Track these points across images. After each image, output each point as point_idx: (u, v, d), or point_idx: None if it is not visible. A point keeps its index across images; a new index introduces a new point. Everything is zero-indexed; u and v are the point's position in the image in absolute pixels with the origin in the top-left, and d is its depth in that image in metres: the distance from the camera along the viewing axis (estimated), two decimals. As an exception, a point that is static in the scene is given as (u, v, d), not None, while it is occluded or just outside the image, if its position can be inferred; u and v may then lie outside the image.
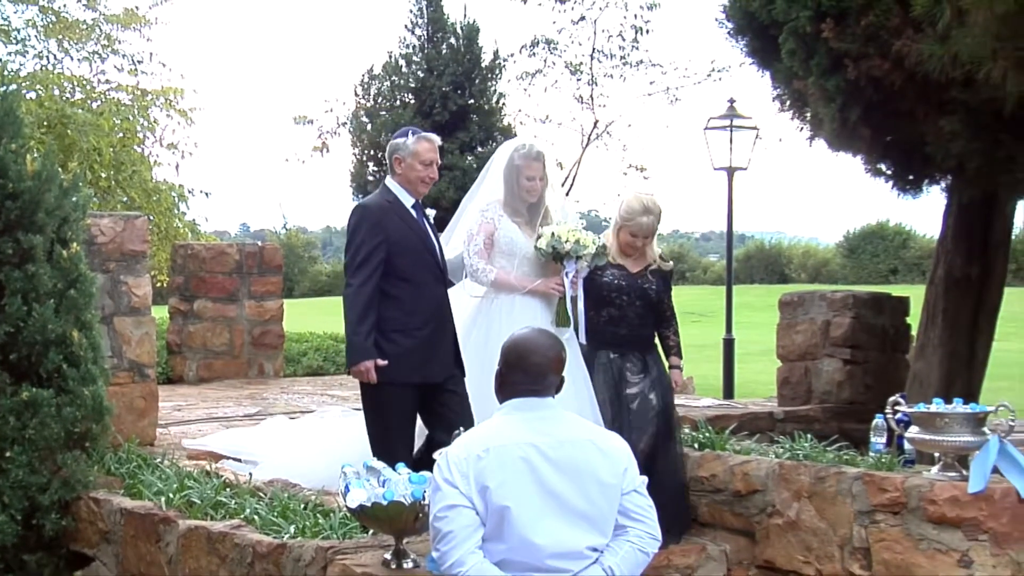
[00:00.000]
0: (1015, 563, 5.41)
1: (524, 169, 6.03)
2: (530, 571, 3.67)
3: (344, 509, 5.34)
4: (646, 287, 6.37)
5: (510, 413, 3.83)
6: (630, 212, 6.30)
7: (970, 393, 9.46)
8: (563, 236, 5.91)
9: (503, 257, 6.02)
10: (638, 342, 6.38)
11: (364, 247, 5.73)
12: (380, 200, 5.94)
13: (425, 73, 15.19)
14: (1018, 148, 8.74)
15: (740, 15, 10.00)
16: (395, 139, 6.03)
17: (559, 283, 6.00)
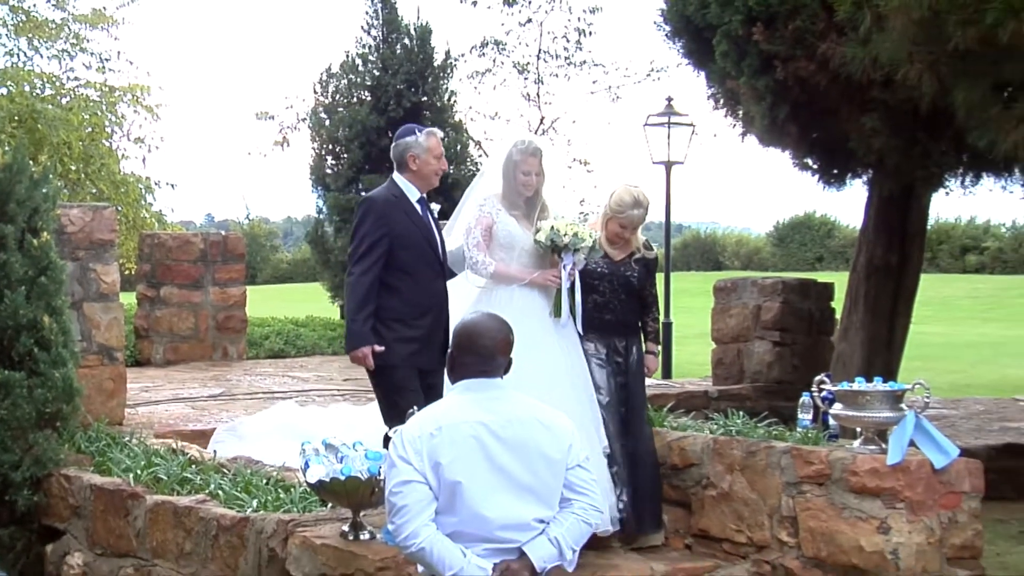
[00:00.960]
0: (929, 529, 5.48)
1: (521, 164, 5.84)
2: (480, 542, 3.68)
3: (304, 484, 5.32)
4: (629, 275, 6.19)
5: (461, 393, 3.83)
6: (621, 205, 6.12)
7: (889, 372, 9.56)
8: (562, 230, 5.76)
9: (502, 250, 5.85)
10: (623, 328, 6.20)
11: (368, 238, 5.61)
12: (387, 194, 5.82)
13: (380, 72, 15.06)
14: (933, 144, 8.84)
15: (677, 18, 10.02)
16: (403, 138, 5.90)
17: (556, 275, 5.83)
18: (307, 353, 13.83)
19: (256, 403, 9.08)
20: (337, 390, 10.07)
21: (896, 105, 8.40)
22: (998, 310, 31.44)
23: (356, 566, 4.84)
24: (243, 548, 5.38)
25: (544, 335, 5.75)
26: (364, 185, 14.55)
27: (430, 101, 15.21)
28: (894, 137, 8.80)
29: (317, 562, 4.96)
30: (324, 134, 15.28)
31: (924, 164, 9.07)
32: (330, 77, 15.57)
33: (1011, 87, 7.33)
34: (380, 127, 14.64)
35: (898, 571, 5.43)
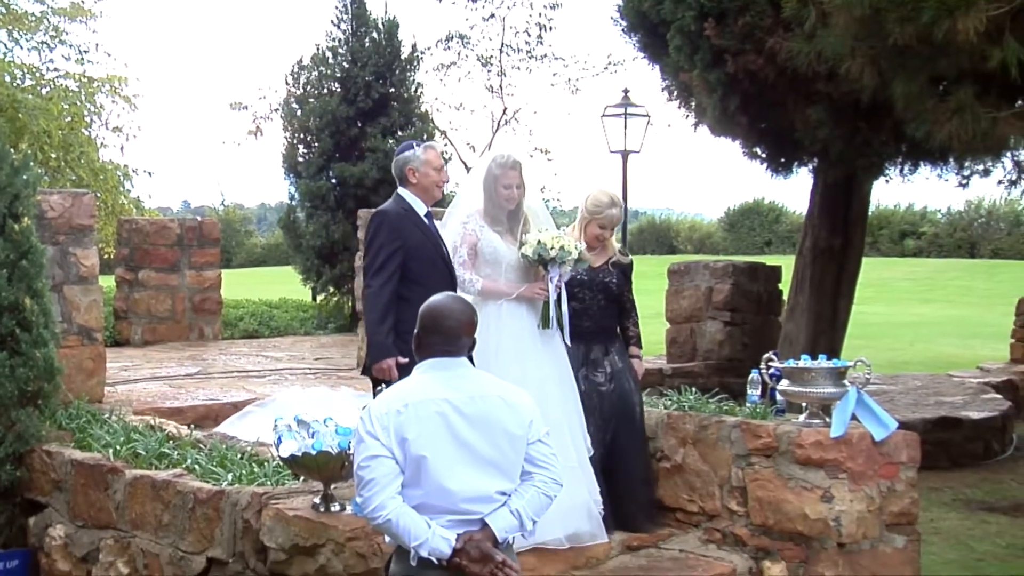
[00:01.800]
0: (869, 497, 5.54)
1: (502, 178, 5.67)
2: (445, 514, 3.68)
3: (277, 459, 5.29)
4: (607, 281, 6.04)
5: (427, 372, 3.82)
6: (598, 205, 6.00)
7: (833, 350, 9.64)
8: (548, 243, 5.60)
9: (488, 266, 5.68)
10: (602, 334, 6.04)
11: (384, 251, 5.40)
12: (397, 207, 5.59)
13: (350, 64, 14.94)
14: (873, 135, 8.90)
15: (633, 14, 10.03)
16: (402, 153, 5.71)
17: (543, 287, 5.67)
18: (280, 334, 13.78)
19: (231, 381, 9.04)
20: (309, 369, 10.04)
21: (839, 97, 8.45)
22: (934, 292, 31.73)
23: (327, 536, 4.83)
24: (219, 520, 5.36)
25: (533, 347, 5.64)
26: (334, 173, 14.47)
27: (397, 92, 15.11)
28: (837, 128, 8.85)
29: (290, 533, 4.95)
30: (296, 124, 15.15)
31: (865, 153, 9.13)
32: (301, 69, 15.44)
33: (946, 81, 7.38)
34: (349, 117, 14.54)
35: (840, 537, 5.49)
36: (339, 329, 14.22)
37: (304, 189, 14.76)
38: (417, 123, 15.28)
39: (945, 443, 9.90)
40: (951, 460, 9.87)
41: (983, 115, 6.99)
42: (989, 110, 7.04)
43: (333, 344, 12.50)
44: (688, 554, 5.75)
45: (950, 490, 9.04)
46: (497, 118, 24.10)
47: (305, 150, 15.13)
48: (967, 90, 7.01)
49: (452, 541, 3.64)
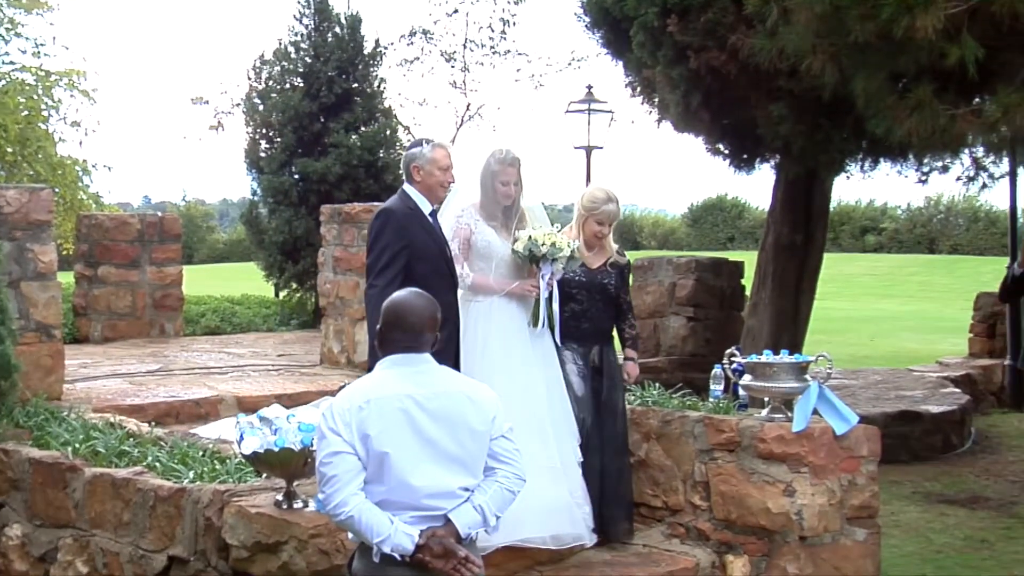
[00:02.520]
0: (830, 491, 5.59)
1: (500, 174, 5.63)
2: (408, 510, 3.67)
3: (239, 456, 5.26)
4: (605, 282, 5.98)
5: (390, 368, 3.81)
6: (595, 201, 5.94)
7: (795, 345, 9.69)
8: (540, 239, 5.55)
9: (480, 260, 5.64)
10: (600, 335, 5.98)
11: (388, 250, 5.30)
12: (403, 206, 5.48)
13: (312, 59, 14.86)
14: (835, 131, 8.96)
15: (596, 10, 10.04)
16: (411, 150, 5.61)
17: (535, 285, 5.63)
18: (243, 330, 13.68)
19: (193, 378, 8.97)
20: (272, 365, 9.98)
21: (801, 94, 8.49)
22: (895, 287, 32.04)
23: (290, 533, 4.81)
24: (180, 518, 5.32)
25: (521, 345, 5.61)
26: (297, 168, 14.38)
27: (360, 88, 15.04)
28: (799, 124, 8.90)
29: (252, 530, 4.92)
30: (258, 119, 15.04)
31: (827, 149, 9.19)
32: (263, 64, 15.33)
33: (905, 78, 7.44)
34: (312, 112, 14.46)
35: (802, 531, 5.54)
36: (302, 325, 14.14)
37: (266, 184, 14.67)
38: (380, 118, 15.22)
39: (905, 437, 10.00)
40: (911, 454, 9.97)
41: (942, 112, 7.06)
42: (947, 107, 7.11)
43: (296, 340, 12.43)
44: (652, 549, 5.78)
45: (910, 483, 9.13)
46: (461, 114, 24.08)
47: (267, 145, 15.03)
48: (926, 87, 7.08)
49: (415, 537, 3.63)
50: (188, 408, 7.74)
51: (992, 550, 7.35)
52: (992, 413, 12.13)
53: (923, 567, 6.93)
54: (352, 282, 9.66)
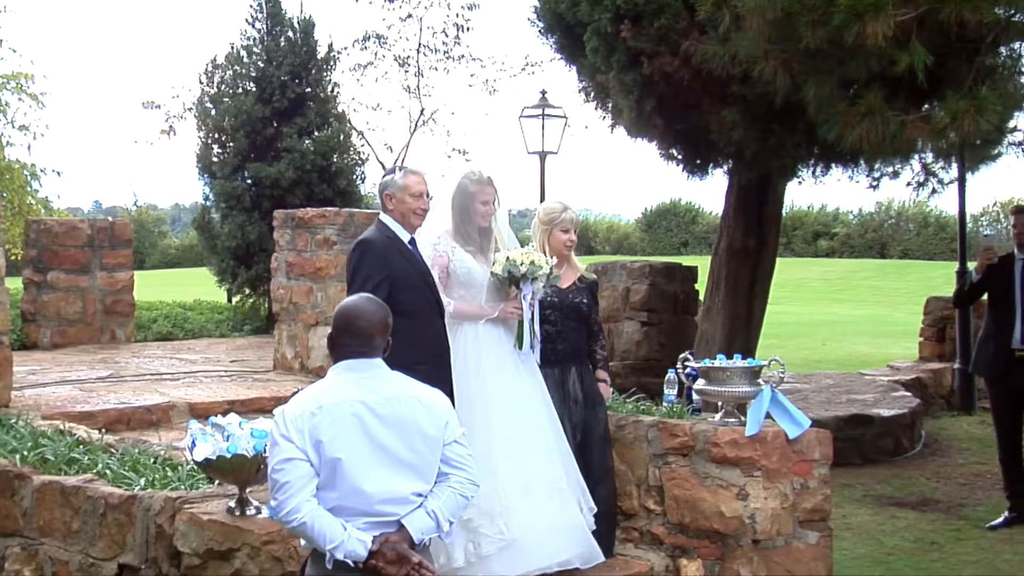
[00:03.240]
0: (783, 495, 5.63)
1: (479, 195, 5.52)
2: (361, 516, 3.66)
3: (191, 462, 5.21)
4: (577, 301, 5.89)
5: (341, 373, 3.80)
6: (552, 212, 5.93)
7: (748, 349, 9.76)
8: (518, 259, 5.46)
9: (461, 287, 5.54)
10: (576, 356, 5.89)
11: (369, 282, 5.10)
12: (380, 236, 5.34)
13: (265, 63, 14.77)
14: (787, 137, 9.03)
15: (549, 15, 10.06)
16: (384, 178, 5.49)
17: (517, 306, 5.52)
18: (195, 336, 13.57)
19: (144, 384, 8.88)
20: (224, 371, 9.91)
21: (753, 99, 8.55)
22: (846, 291, 32.36)
23: (242, 540, 4.77)
24: (131, 525, 5.26)
25: (514, 367, 5.55)
26: (250, 173, 14.29)
27: (314, 92, 14.98)
28: (751, 129, 8.97)
29: (204, 537, 4.88)
30: (210, 123, 14.93)
31: (779, 155, 9.26)
32: (215, 68, 15.22)
33: (856, 84, 7.52)
34: (265, 117, 14.38)
35: (755, 534, 5.57)
36: (255, 331, 14.06)
37: (219, 189, 14.56)
38: (334, 123, 15.17)
39: (857, 440, 10.10)
40: (862, 457, 10.06)
41: (892, 118, 7.14)
42: (897, 113, 7.19)
43: (249, 346, 12.34)
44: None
45: (861, 486, 9.22)
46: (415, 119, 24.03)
47: (220, 150, 14.92)
48: (876, 93, 7.16)
49: (368, 543, 3.62)
50: (139, 415, 7.67)
51: (941, 552, 7.44)
52: (942, 416, 12.28)
53: (874, 569, 7.00)
54: (306, 287, 9.62)
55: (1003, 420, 8.22)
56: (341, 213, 9.63)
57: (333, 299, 8.84)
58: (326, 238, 9.42)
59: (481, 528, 5.23)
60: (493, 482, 5.19)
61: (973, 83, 7.05)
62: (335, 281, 9.32)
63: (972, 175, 11.21)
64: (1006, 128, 8.67)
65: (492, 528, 5.23)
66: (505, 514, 5.24)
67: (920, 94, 7.44)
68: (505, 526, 5.23)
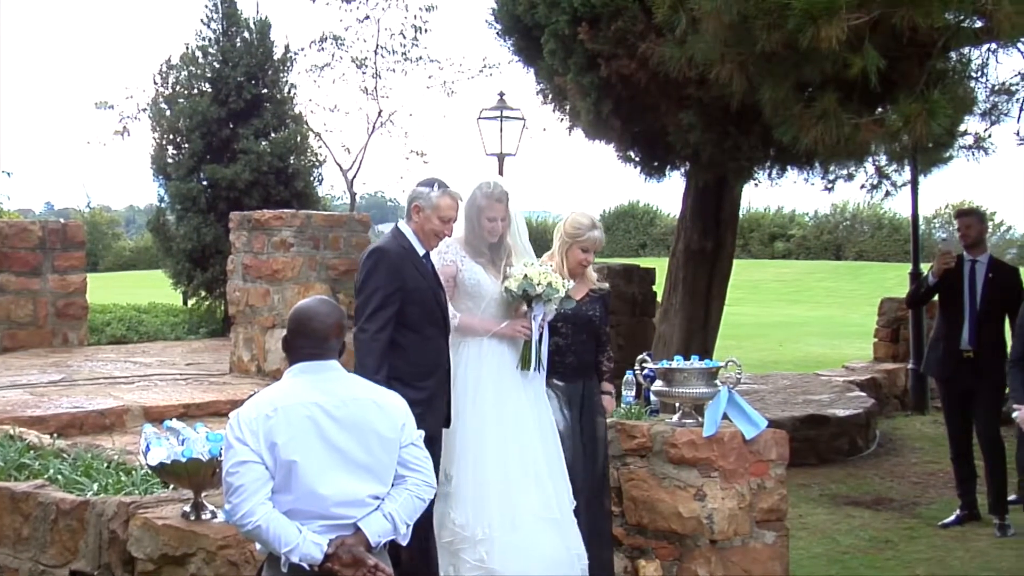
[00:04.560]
0: (740, 495, 5.67)
1: (487, 210, 5.27)
2: (317, 519, 3.64)
3: (145, 467, 5.16)
4: (590, 315, 5.70)
5: (297, 376, 3.78)
6: (579, 227, 5.67)
7: (705, 351, 9.82)
8: (535, 278, 5.22)
9: (469, 299, 5.32)
10: (584, 370, 5.69)
11: (380, 292, 4.91)
12: (396, 245, 5.08)
13: (221, 64, 14.66)
14: (743, 139, 9.09)
15: (507, 17, 10.06)
16: (419, 186, 5.16)
17: (526, 325, 5.29)
18: (150, 339, 13.44)
19: (97, 388, 8.78)
20: (180, 374, 9.82)
21: (710, 102, 8.60)
22: (803, 293, 32.67)
23: (198, 545, 4.73)
24: (83, 531, 5.20)
25: (514, 388, 5.33)
26: (206, 175, 14.18)
27: (270, 93, 14.89)
28: (708, 132, 9.02)
29: (159, 542, 4.83)
30: (165, 124, 14.80)
31: (735, 157, 9.32)
32: (170, 68, 15.09)
33: (811, 87, 7.59)
34: (221, 118, 14.28)
35: (712, 534, 5.61)
36: (211, 334, 13.95)
37: (174, 191, 14.44)
38: (291, 125, 15.10)
39: (813, 440, 10.18)
40: (818, 457, 10.15)
41: (846, 121, 7.21)
42: (851, 116, 7.26)
43: (205, 349, 12.24)
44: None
45: (817, 486, 9.30)
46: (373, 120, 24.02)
47: (175, 151, 14.80)
48: (830, 96, 7.22)
49: (324, 546, 3.61)
50: (92, 419, 7.57)
51: (896, 550, 7.52)
52: (896, 416, 12.42)
53: (830, 568, 7.05)
54: (262, 290, 9.55)
55: (953, 419, 8.32)
56: (298, 215, 9.57)
57: (290, 301, 8.78)
58: (283, 240, 9.36)
59: (462, 553, 5.11)
60: (480, 510, 5.09)
61: (925, 87, 7.13)
62: (292, 283, 9.26)
63: (924, 178, 11.37)
64: (957, 131, 8.79)
65: (473, 554, 5.10)
66: (487, 543, 5.08)
67: (873, 97, 7.52)
68: (486, 554, 5.08)
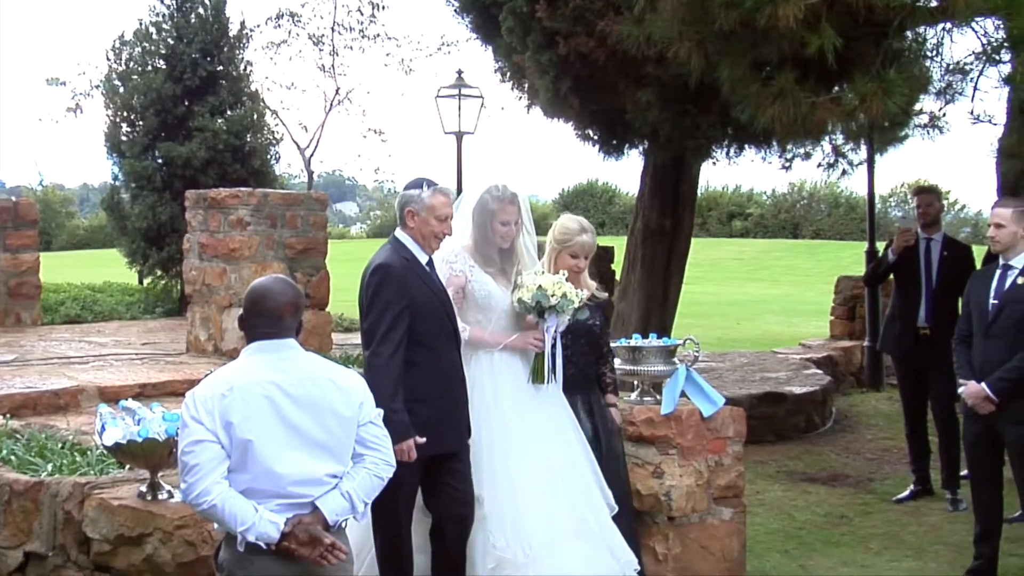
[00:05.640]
0: (698, 472, 5.72)
1: (499, 213, 5.07)
2: (273, 498, 3.65)
3: (101, 447, 5.13)
4: (590, 324, 5.53)
5: (253, 354, 3.78)
6: (566, 232, 5.52)
7: (664, 329, 9.86)
8: (549, 289, 5.01)
9: (478, 311, 5.09)
10: (585, 381, 5.51)
11: (389, 312, 4.68)
12: (398, 258, 4.84)
13: (175, 40, 14.49)
14: (702, 117, 9.11)
15: (465, -6, 10.02)
16: (408, 190, 4.96)
17: (539, 338, 5.09)
18: (105, 318, 13.32)
19: (51, 368, 8.70)
20: (136, 354, 9.74)
21: (668, 80, 8.61)
22: (760, 271, 32.90)
23: (154, 525, 4.71)
24: (37, 512, 5.16)
25: (534, 401, 5.14)
26: (161, 153, 14.03)
27: (226, 71, 14.75)
28: (666, 110, 9.03)
29: (115, 523, 4.81)
30: (118, 101, 14.61)
31: (694, 136, 9.34)
32: (123, 44, 14.89)
33: (769, 66, 7.62)
34: (176, 95, 14.14)
35: (671, 511, 5.65)
36: (167, 313, 13.85)
37: (128, 169, 14.29)
38: (247, 102, 14.97)
39: (770, 418, 10.27)
40: (775, 434, 10.24)
41: (803, 100, 7.24)
42: (808, 95, 7.29)
43: (161, 328, 12.15)
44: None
45: (774, 463, 9.39)
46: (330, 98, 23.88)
47: (129, 129, 14.63)
48: (788, 75, 7.25)
49: (280, 525, 3.61)
50: (46, 399, 7.50)
51: (851, 525, 7.62)
52: (852, 393, 12.55)
53: (786, 543, 7.14)
54: (219, 268, 9.48)
55: (909, 396, 8.42)
56: (255, 193, 9.50)
57: (247, 280, 8.71)
58: (240, 219, 9.29)
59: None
60: (518, 529, 4.91)
61: (881, 66, 7.18)
62: (249, 263, 9.20)
63: (880, 157, 11.44)
64: (912, 111, 8.85)
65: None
66: (533, 564, 4.89)
67: (830, 76, 7.56)
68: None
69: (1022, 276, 6.08)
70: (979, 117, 8.79)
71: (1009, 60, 7.79)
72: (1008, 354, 5.99)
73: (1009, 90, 8.07)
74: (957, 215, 39.63)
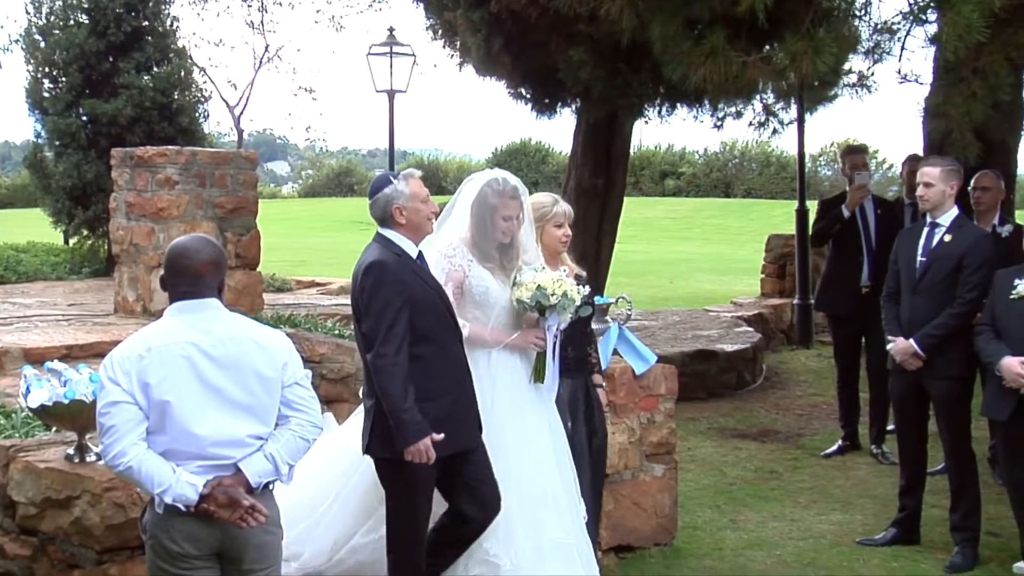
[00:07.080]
0: (630, 429, 5.78)
1: (501, 208, 4.90)
2: (193, 459, 3.62)
3: (26, 409, 5.04)
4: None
5: (174, 315, 3.74)
6: (542, 207, 5.32)
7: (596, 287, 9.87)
8: (549, 289, 4.84)
9: (476, 308, 4.93)
10: (582, 365, 5.40)
11: (389, 310, 4.52)
12: (391, 254, 4.67)
13: (98, -7, 14.19)
14: (634, 76, 9.15)
15: (397, -50, 9.91)
16: (381, 191, 4.76)
17: (540, 336, 4.94)
18: (29, 279, 13.06)
19: (-26, 331, 8.53)
20: (62, 315, 9.58)
21: (600, 39, 8.62)
22: (693, 230, 33.17)
23: (82, 488, 4.65)
24: (-39, 477, 5.07)
25: (530, 401, 5.01)
26: (85, 110, 13.73)
27: (152, 26, 14.42)
28: (599, 69, 9.05)
29: (41, 486, 4.74)
30: (39, 56, 14.24)
31: (625, 94, 9.37)
32: (43, -3, 14.56)
33: (700, 25, 7.65)
34: (100, 51, 13.80)
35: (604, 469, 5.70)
36: (94, 273, 13.62)
37: (52, 127, 13.96)
38: (174, 59, 14.67)
39: (701, 375, 10.39)
40: (707, 391, 10.37)
41: (734, 59, 7.29)
42: (739, 54, 7.34)
43: (88, 289, 11.95)
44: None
45: (706, 419, 9.51)
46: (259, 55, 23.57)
47: (51, 85, 14.28)
48: (719, 34, 7.28)
49: (199, 487, 3.59)
50: (-32, 362, 7.36)
51: (780, 480, 7.75)
52: (782, 350, 12.73)
53: (717, 499, 7.25)
54: (147, 228, 9.32)
55: (844, 354, 8.53)
56: (183, 152, 9.33)
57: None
58: (167, 177, 9.13)
59: None
60: (509, 535, 4.83)
61: (811, 25, 7.24)
62: (178, 222, 9.05)
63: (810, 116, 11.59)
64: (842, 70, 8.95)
65: None
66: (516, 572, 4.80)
67: (761, 35, 7.61)
68: None
69: (949, 233, 6.18)
70: (906, 76, 8.89)
71: (935, 20, 7.89)
72: (935, 311, 6.09)
73: (935, 49, 8.16)
74: (884, 174, 40.18)
